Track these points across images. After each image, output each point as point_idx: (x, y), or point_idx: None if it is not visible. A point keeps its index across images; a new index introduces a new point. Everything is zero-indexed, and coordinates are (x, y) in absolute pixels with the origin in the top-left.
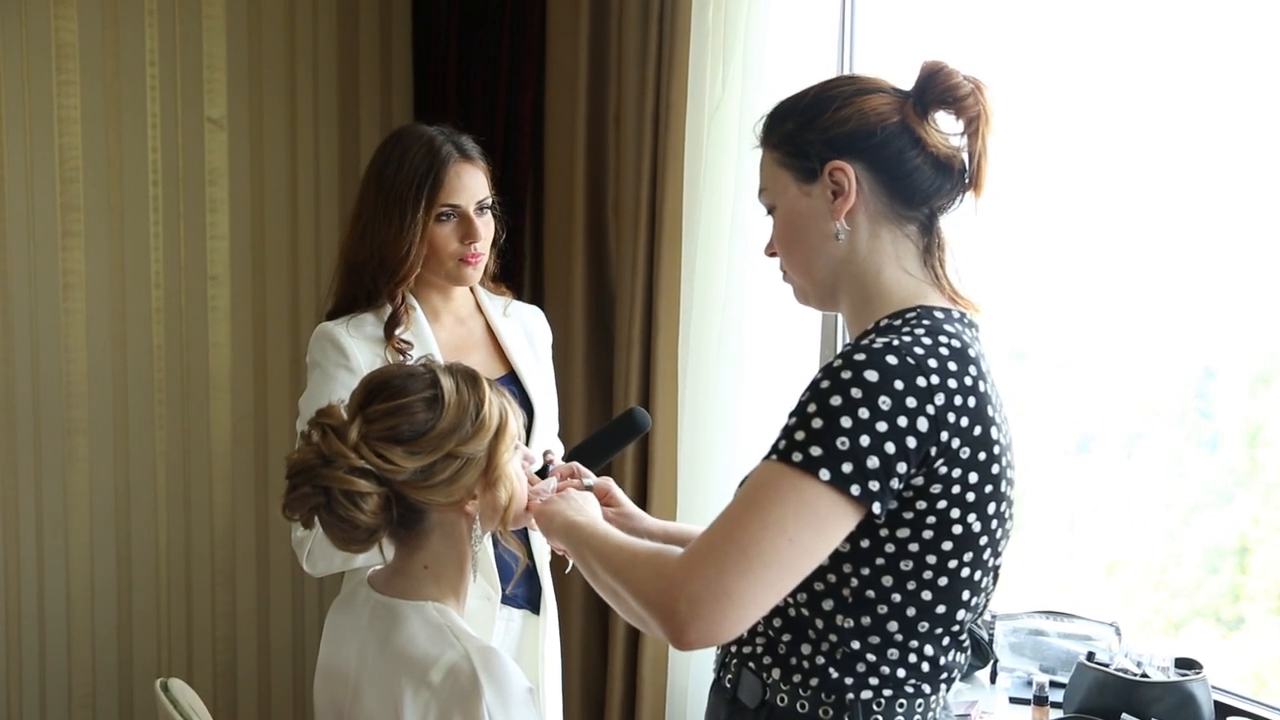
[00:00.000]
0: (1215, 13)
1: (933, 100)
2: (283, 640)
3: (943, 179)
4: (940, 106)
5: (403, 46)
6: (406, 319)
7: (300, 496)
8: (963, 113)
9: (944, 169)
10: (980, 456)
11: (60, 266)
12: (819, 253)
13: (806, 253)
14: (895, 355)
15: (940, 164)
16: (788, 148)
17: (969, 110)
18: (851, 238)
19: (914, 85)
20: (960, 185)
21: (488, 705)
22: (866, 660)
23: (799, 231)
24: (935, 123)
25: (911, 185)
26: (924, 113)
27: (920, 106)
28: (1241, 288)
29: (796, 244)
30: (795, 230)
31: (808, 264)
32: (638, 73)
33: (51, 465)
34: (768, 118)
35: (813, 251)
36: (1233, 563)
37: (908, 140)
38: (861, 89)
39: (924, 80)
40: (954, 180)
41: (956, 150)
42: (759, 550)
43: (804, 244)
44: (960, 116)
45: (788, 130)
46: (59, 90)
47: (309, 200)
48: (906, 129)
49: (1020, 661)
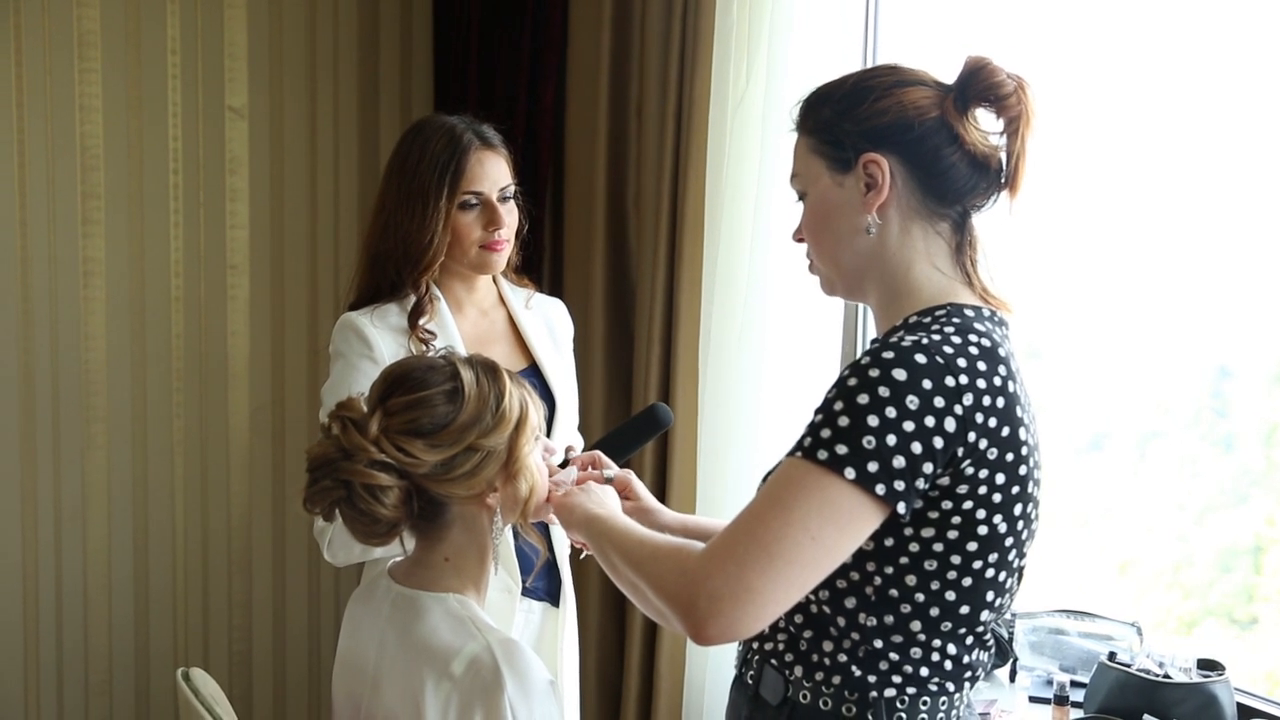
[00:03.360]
0: (1223, 13)
1: (974, 97)
2: (298, 629)
3: (978, 177)
4: (981, 104)
5: (423, 35)
6: (430, 309)
7: (321, 490)
8: (1004, 111)
9: (981, 167)
10: (1008, 457)
11: (80, 254)
12: (848, 244)
13: (835, 243)
14: (924, 354)
15: (977, 162)
16: (823, 135)
17: (1011, 109)
18: (882, 232)
19: (956, 80)
20: (996, 185)
21: (509, 698)
22: (889, 659)
23: (829, 221)
24: (975, 120)
25: (946, 182)
26: (964, 109)
27: (961, 102)
28: (1257, 287)
29: (825, 234)
30: (825, 220)
31: (836, 254)
32: (660, 66)
33: (70, 453)
34: (805, 102)
35: (841, 243)
36: (1247, 562)
37: (945, 136)
38: (902, 80)
39: (966, 76)
40: (990, 179)
41: (995, 149)
42: (781, 547)
43: (833, 234)
44: (1001, 115)
45: (824, 117)
46: (81, 79)
47: (328, 190)
48: (945, 125)
49: (1040, 660)
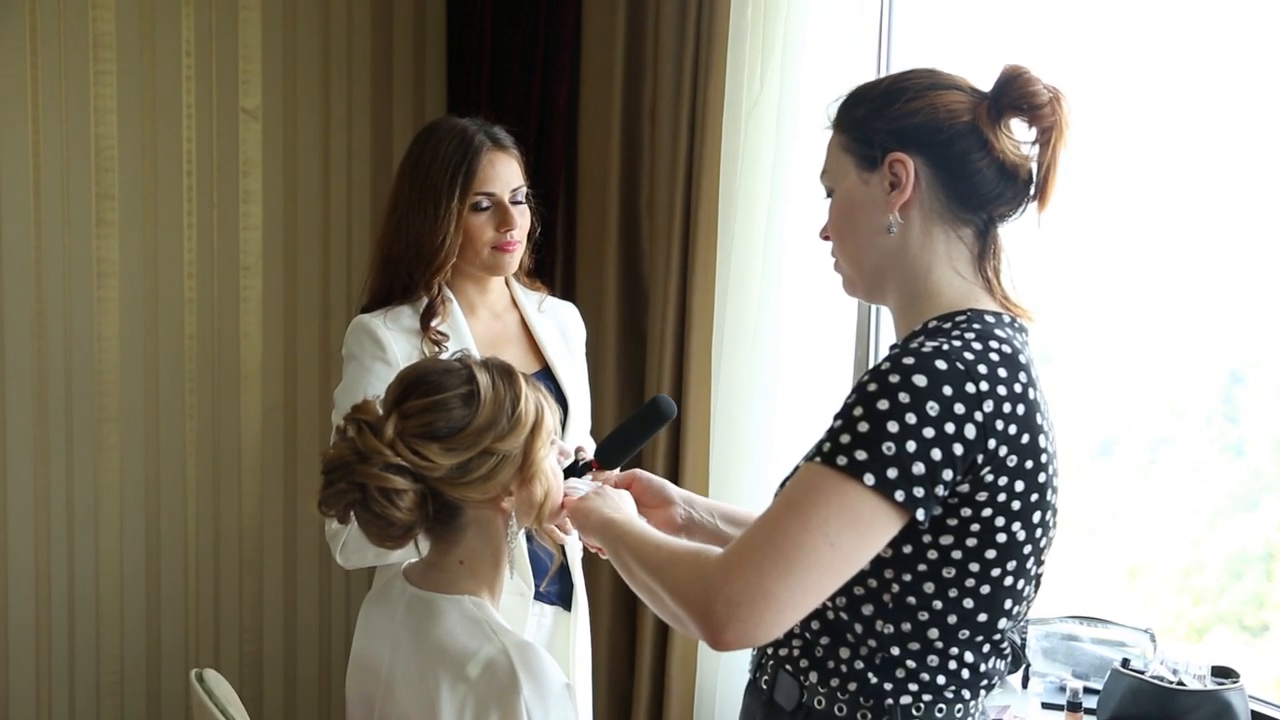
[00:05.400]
0: (1228, 16)
1: (1008, 105)
2: (309, 630)
3: (1005, 185)
4: (1016, 113)
5: (437, 37)
6: (443, 311)
7: (336, 493)
8: (1038, 121)
9: (1009, 176)
10: (1028, 465)
11: (94, 255)
12: (870, 243)
13: (857, 242)
14: (944, 360)
15: (1006, 170)
16: (854, 133)
17: (1044, 120)
18: (904, 232)
19: (992, 87)
20: (1024, 195)
21: (525, 700)
22: (906, 666)
23: (852, 219)
24: (1008, 128)
25: (972, 188)
26: (998, 117)
27: (995, 110)
28: (1269, 291)
29: (849, 231)
30: (849, 217)
31: (857, 253)
32: (674, 69)
33: (82, 453)
34: (842, 101)
35: (864, 241)
36: (1258, 569)
37: (975, 142)
38: (936, 84)
39: (1002, 84)
40: (1017, 189)
41: (1025, 159)
42: (800, 553)
43: (856, 232)
44: (1035, 125)
45: (857, 115)
46: (95, 80)
47: (341, 192)
48: (976, 130)
49: (1053, 667)
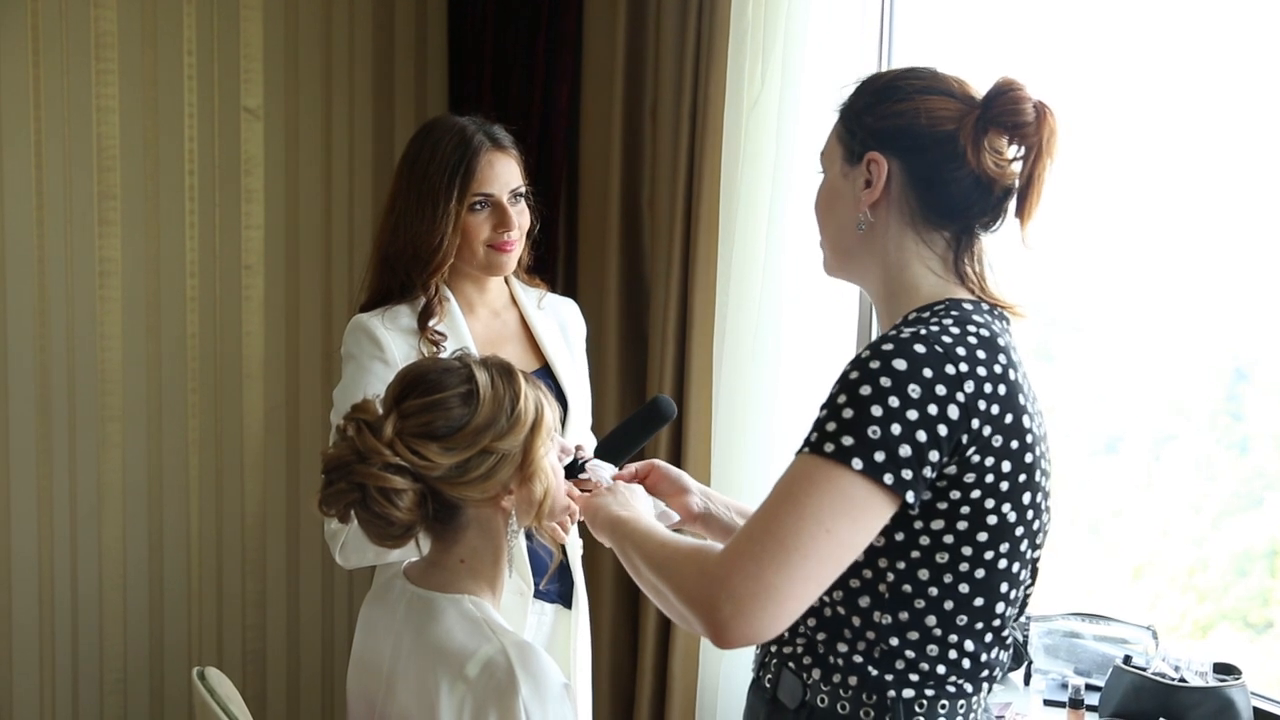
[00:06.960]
0: (1227, 13)
1: (993, 120)
2: (312, 628)
3: (979, 197)
4: (999, 129)
5: (438, 36)
6: (440, 310)
7: (336, 493)
8: (1022, 140)
9: (984, 189)
10: (1013, 445)
11: (97, 254)
12: (843, 233)
13: (834, 230)
14: (923, 344)
15: (982, 183)
16: (848, 123)
17: (1028, 139)
18: (876, 231)
19: (983, 97)
20: (1001, 207)
21: (524, 701)
22: (906, 657)
23: (830, 207)
24: (991, 142)
25: (944, 196)
26: (983, 130)
27: (981, 123)
28: (1273, 288)
29: (827, 218)
30: (828, 205)
31: (833, 239)
32: (675, 67)
33: (85, 451)
34: (851, 87)
35: (838, 231)
36: (1262, 566)
37: (952, 151)
38: (931, 87)
39: (992, 96)
40: (992, 201)
41: (1005, 174)
42: (797, 543)
43: (832, 221)
44: (1019, 143)
45: (856, 106)
46: (97, 79)
47: (343, 191)
48: (955, 140)
49: (1055, 664)
